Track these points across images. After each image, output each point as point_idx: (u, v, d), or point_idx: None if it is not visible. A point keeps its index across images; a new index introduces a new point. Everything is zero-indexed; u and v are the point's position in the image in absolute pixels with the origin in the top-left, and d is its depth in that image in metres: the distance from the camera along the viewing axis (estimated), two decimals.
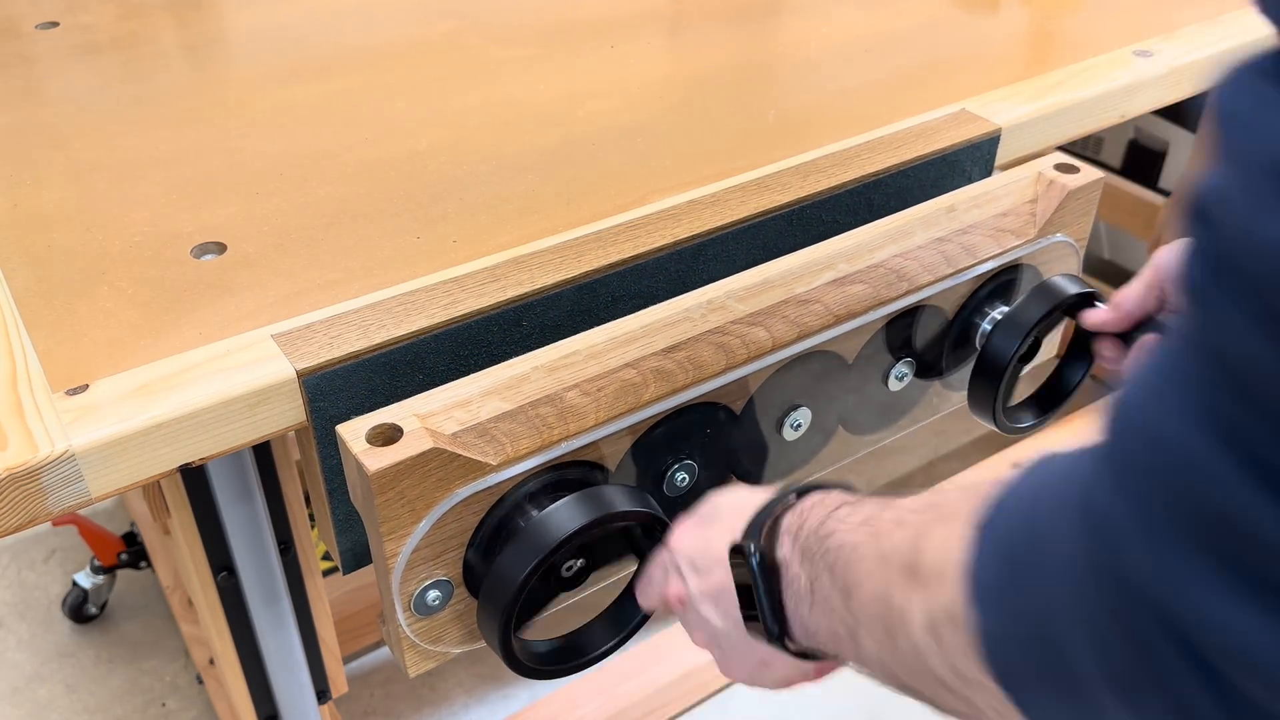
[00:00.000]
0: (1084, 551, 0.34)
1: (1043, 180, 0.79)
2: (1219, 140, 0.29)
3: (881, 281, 0.71)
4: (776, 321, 0.68)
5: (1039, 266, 0.80)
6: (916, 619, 0.42)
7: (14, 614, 1.45)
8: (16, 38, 1.00)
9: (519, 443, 0.60)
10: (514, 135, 0.83)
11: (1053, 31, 1.03)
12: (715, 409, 0.68)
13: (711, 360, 0.65)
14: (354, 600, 1.29)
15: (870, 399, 0.77)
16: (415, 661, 0.65)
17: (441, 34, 1.00)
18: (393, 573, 0.59)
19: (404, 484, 0.56)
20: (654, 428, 0.65)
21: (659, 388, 0.64)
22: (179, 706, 1.34)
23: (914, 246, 0.73)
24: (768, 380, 0.69)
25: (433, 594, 0.61)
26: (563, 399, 0.61)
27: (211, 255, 0.69)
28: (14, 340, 0.62)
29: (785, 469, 0.75)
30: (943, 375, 0.80)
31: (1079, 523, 0.34)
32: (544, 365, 0.62)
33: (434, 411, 0.59)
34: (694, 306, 0.67)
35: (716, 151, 0.81)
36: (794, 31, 1.02)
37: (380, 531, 0.57)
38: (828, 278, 0.70)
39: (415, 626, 0.62)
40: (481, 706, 1.33)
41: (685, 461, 0.68)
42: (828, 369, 0.72)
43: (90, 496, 0.56)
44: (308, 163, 0.80)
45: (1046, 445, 0.39)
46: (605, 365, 0.63)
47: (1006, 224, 0.77)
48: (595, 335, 0.65)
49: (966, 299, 0.77)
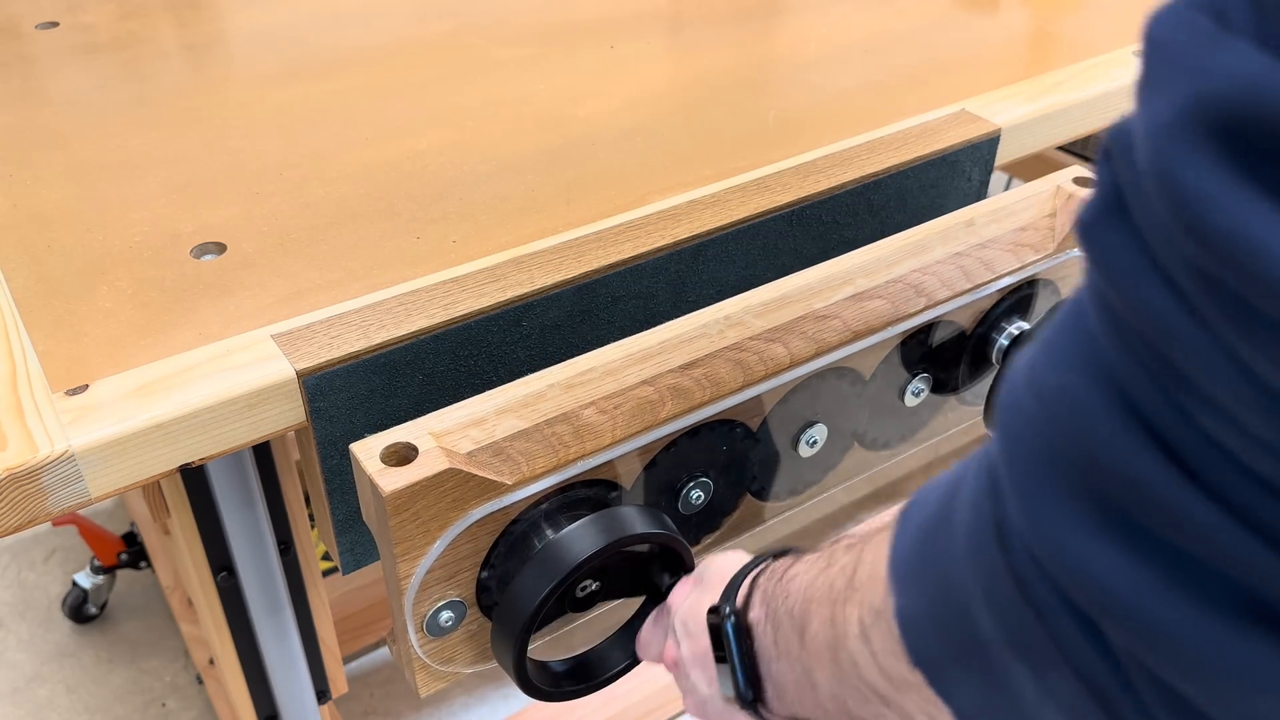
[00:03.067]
0: (980, 509, 0.33)
1: (1061, 194, 0.78)
2: (1142, 69, 0.27)
3: (900, 297, 0.71)
4: (794, 338, 0.67)
5: (1057, 282, 0.79)
6: (852, 629, 0.41)
7: (14, 614, 1.45)
8: (16, 38, 1.00)
9: (535, 462, 0.59)
10: (514, 135, 0.83)
11: (1053, 31, 1.03)
12: (732, 426, 0.66)
13: (729, 377, 0.64)
14: (354, 600, 1.29)
15: (886, 415, 0.76)
16: (426, 682, 0.63)
17: (441, 34, 1.00)
18: (405, 594, 0.58)
19: (419, 505, 0.55)
20: (670, 445, 0.64)
21: (676, 405, 0.63)
22: (179, 706, 1.34)
23: (932, 261, 0.72)
24: (785, 397, 0.68)
25: (446, 615, 0.60)
26: (579, 417, 0.60)
27: (211, 255, 0.69)
28: (14, 340, 0.62)
29: (799, 485, 0.75)
30: (959, 390, 0.80)
31: (977, 482, 0.34)
32: (560, 383, 0.61)
33: (449, 430, 0.58)
34: (711, 323, 0.66)
35: (716, 152, 0.81)
36: (794, 32, 1.02)
37: (394, 553, 0.56)
38: (846, 293, 0.69)
39: (427, 647, 0.61)
40: (481, 706, 1.33)
41: (701, 479, 0.67)
42: (845, 385, 0.71)
43: (90, 496, 0.56)
44: (308, 163, 0.80)
45: None
46: (622, 383, 0.62)
47: (1025, 238, 0.76)
48: (611, 352, 0.63)
49: (984, 314, 0.76)
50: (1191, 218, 0.24)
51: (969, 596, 0.34)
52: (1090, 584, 0.29)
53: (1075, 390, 0.29)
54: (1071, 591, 0.30)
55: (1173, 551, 0.28)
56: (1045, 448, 0.30)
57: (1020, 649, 0.32)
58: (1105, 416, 0.28)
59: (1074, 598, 0.30)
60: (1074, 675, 0.31)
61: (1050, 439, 0.30)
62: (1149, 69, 0.27)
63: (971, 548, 0.34)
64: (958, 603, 0.35)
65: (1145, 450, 0.28)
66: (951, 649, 0.36)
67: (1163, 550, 0.28)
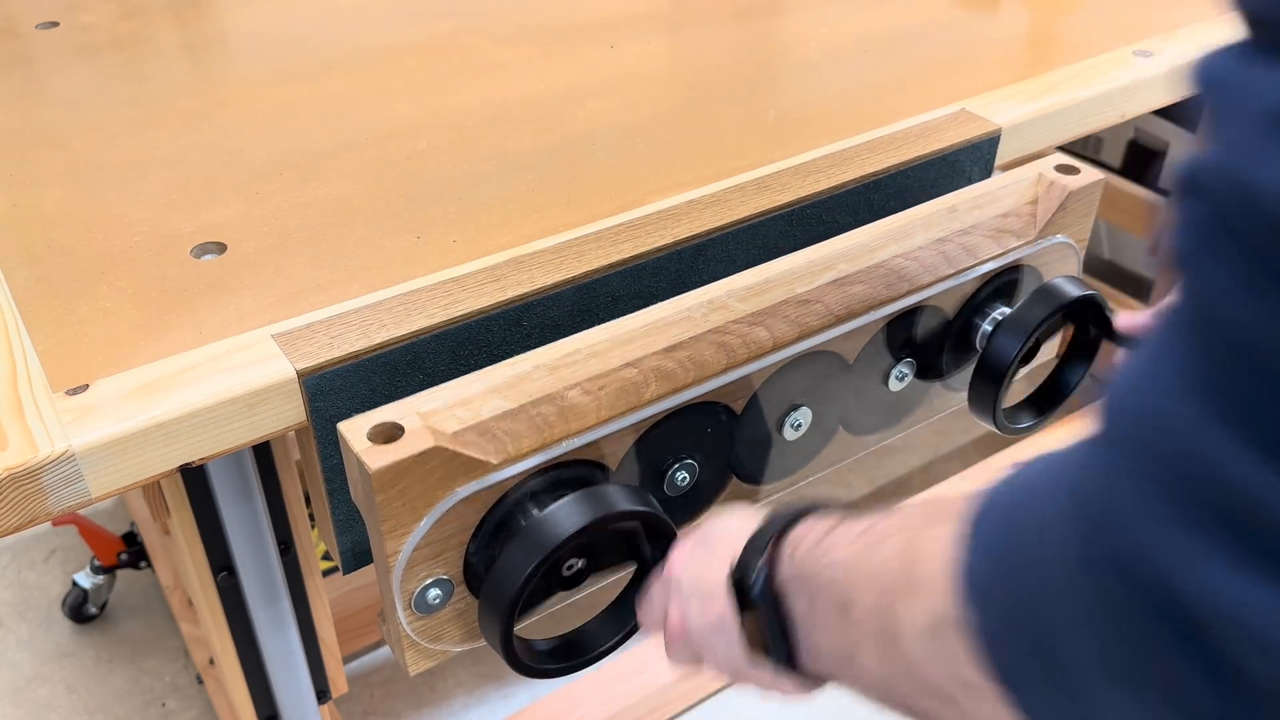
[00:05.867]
0: (1078, 538, 0.33)
1: (1043, 181, 0.79)
2: (1207, 111, 0.29)
3: (882, 282, 0.72)
4: (777, 321, 0.68)
5: (1040, 268, 0.80)
6: (913, 626, 0.41)
7: (14, 614, 1.45)
8: (16, 38, 1.00)
9: (520, 441, 0.60)
10: (514, 135, 0.83)
11: (1053, 31, 1.03)
12: (716, 408, 0.68)
13: (713, 359, 0.65)
14: (354, 600, 1.29)
15: (871, 399, 0.77)
16: (415, 660, 0.65)
17: (441, 34, 1.00)
18: (393, 571, 0.59)
19: (405, 482, 0.56)
20: (655, 427, 0.65)
21: (660, 387, 0.64)
22: (179, 706, 1.34)
23: (915, 247, 0.73)
24: (768, 380, 0.69)
25: (433, 592, 0.61)
26: (564, 398, 0.61)
27: (211, 255, 0.69)
28: (14, 340, 0.62)
29: (786, 469, 0.75)
30: (943, 376, 0.80)
31: (1072, 509, 0.33)
32: (545, 364, 0.62)
33: (435, 410, 0.59)
34: (695, 306, 0.67)
35: (716, 151, 0.81)
36: (794, 31, 1.02)
37: (381, 530, 0.57)
38: (829, 278, 0.70)
39: (416, 625, 0.62)
40: (481, 706, 1.33)
41: (686, 461, 0.68)
42: (828, 369, 0.72)
43: (90, 496, 0.56)
44: (308, 163, 0.80)
45: (1047, 445, 0.39)
46: (606, 364, 0.63)
47: (1007, 225, 0.77)
48: (596, 334, 0.65)
49: (967, 300, 0.77)
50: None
51: (1060, 622, 0.34)
52: (1232, 618, 0.29)
53: (1190, 420, 0.29)
54: (1206, 627, 0.29)
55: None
56: (1171, 482, 0.30)
57: (1119, 676, 0.32)
58: (1237, 453, 0.28)
59: (1209, 634, 0.29)
60: (1177, 706, 0.31)
61: (1175, 471, 0.30)
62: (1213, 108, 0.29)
63: (1069, 578, 0.33)
64: (1048, 626, 0.34)
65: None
66: (1040, 670, 0.36)
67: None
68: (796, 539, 0.50)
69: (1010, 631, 0.37)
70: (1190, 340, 0.30)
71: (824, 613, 0.47)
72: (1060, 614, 0.34)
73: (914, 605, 0.41)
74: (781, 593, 0.50)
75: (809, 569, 0.49)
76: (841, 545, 0.47)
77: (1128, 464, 0.31)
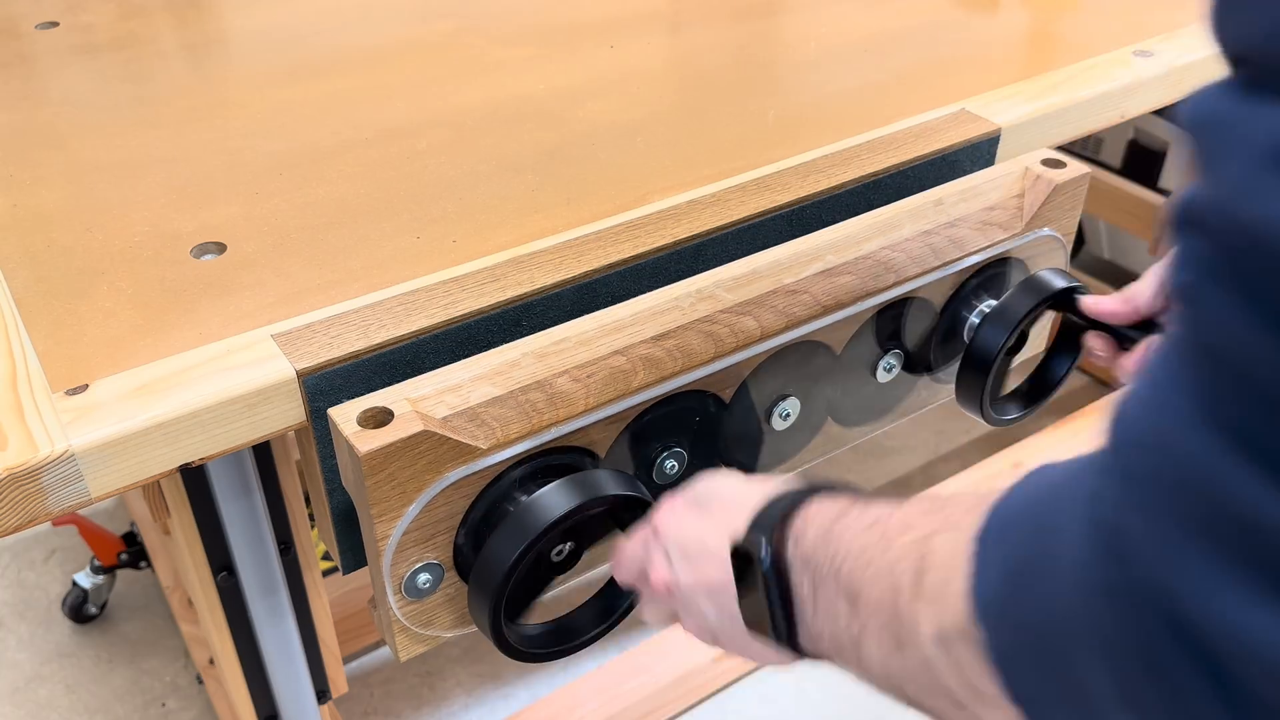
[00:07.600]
0: (1094, 567, 0.33)
1: (1030, 175, 0.79)
2: (1198, 150, 0.30)
3: (869, 273, 0.72)
4: (765, 311, 0.68)
5: (1026, 261, 0.80)
6: (926, 631, 0.41)
7: (14, 614, 1.46)
8: (16, 38, 1.00)
9: (509, 427, 0.60)
10: (514, 135, 0.83)
11: (1053, 31, 1.03)
12: (704, 397, 0.68)
13: (700, 348, 0.66)
14: (354, 600, 1.29)
15: (859, 390, 0.78)
16: (406, 645, 0.65)
17: (441, 34, 1.00)
18: (383, 555, 0.60)
19: (394, 466, 0.57)
20: (643, 415, 0.66)
21: (648, 375, 0.64)
22: (179, 706, 1.34)
23: (901, 239, 0.74)
24: (756, 369, 0.70)
25: (423, 577, 0.62)
26: (552, 385, 0.62)
27: (211, 255, 0.69)
28: (14, 340, 0.62)
29: (775, 459, 0.76)
30: (930, 368, 0.81)
31: (1087, 538, 0.34)
32: (534, 351, 0.63)
33: (425, 395, 0.59)
34: (683, 295, 0.67)
35: (716, 151, 0.81)
36: (794, 31, 1.02)
37: (371, 514, 0.58)
38: (816, 269, 0.70)
39: (406, 610, 0.63)
40: (481, 706, 1.33)
41: (675, 449, 0.69)
42: (816, 359, 0.73)
43: (90, 496, 0.56)
44: (308, 163, 0.80)
45: (1048, 445, 0.39)
46: (595, 352, 0.63)
47: (993, 218, 0.77)
48: (585, 323, 0.65)
49: (954, 292, 0.78)
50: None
51: (1076, 644, 0.34)
52: (1249, 646, 0.29)
53: (1201, 450, 0.30)
54: (1222, 655, 0.30)
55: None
56: (1185, 512, 0.30)
57: (1136, 703, 0.33)
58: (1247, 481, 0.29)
59: (1225, 662, 0.30)
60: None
61: (1188, 501, 0.30)
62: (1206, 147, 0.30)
63: (1084, 603, 0.34)
64: (1063, 651, 0.35)
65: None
66: (1054, 692, 0.36)
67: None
68: (805, 520, 0.50)
69: (1023, 653, 0.37)
70: (1196, 372, 0.30)
71: (830, 599, 0.47)
72: (1076, 640, 0.34)
73: (924, 612, 0.42)
74: (786, 571, 0.50)
75: (816, 553, 0.49)
76: (851, 535, 0.47)
77: (1141, 495, 0.32)
